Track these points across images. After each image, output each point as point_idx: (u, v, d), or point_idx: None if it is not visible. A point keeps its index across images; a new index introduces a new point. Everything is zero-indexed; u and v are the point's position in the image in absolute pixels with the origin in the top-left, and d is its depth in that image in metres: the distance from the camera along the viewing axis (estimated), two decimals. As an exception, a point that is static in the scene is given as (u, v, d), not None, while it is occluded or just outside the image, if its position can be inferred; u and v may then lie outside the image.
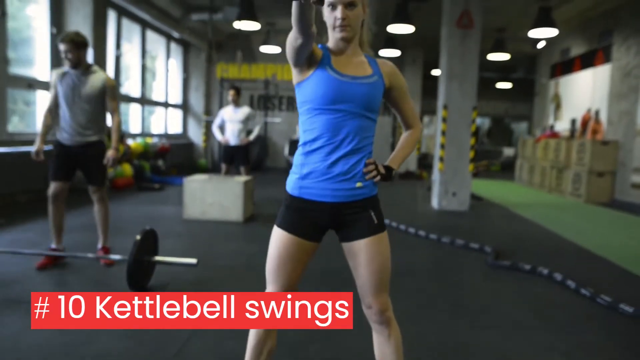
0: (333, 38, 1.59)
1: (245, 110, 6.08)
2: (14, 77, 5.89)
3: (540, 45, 10.31)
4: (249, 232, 4.88)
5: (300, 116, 1.60)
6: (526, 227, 5.68)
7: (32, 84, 6.20)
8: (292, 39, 1.47)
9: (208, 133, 11.59)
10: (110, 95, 3.39)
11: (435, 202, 6.75)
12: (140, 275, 2.94)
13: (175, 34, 9.61)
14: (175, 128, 11.41)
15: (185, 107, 11.69)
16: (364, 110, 1.54)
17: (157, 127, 10.54)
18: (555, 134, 9.85)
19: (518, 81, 15.04)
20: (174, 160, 10.20)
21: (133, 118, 9.40)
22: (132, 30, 9.21)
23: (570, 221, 6.16)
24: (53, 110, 3.39)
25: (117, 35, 8.35)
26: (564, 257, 4.33)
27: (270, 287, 1.58)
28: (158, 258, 3.04)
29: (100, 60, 7.13)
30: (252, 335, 1.60)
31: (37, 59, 6.51)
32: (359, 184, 1.54)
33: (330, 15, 1.54)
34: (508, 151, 16.86)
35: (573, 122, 9.57)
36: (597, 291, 3.16)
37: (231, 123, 6.07)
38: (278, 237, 1.56)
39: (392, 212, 5.80)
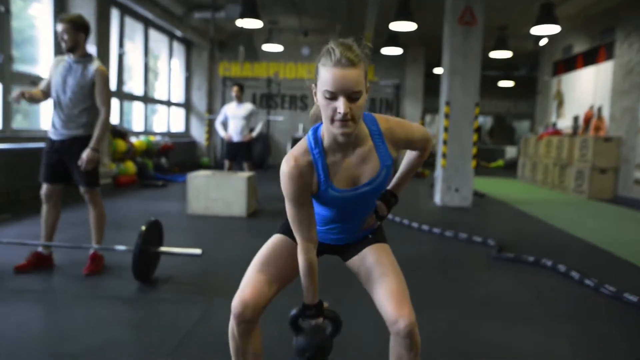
0: (329, 131, 1.35)
1: (247, 107, 6.11)
2: (18, 74, 5.92)
3: (543, 42, 10.30)
4: (252, 227, 4.90)
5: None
6: (529, 222, 5.68)
7: (36, 81, 6.22)
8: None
9: (210, 131, 11.62)
10: (99, 86, 3.07)
11: (437, 199, 6.76)
12: (146, 266, 2.96)
13: (178, 33, 9.64)
14: (178, 126, 11.43)
15: (187, 105, 11.72)
16: (373, 199, 1.55)
17: (159, 126, 10.56)
18: (557, 132, 9.85)
19: (520, 79, 15.03)
20: (176, 159, 10.22)
21: (136, 116, 9.43)
22: (134, 29, 9.24)
23: (574, 217, 6.16)
24: (44, 91, 3.18)
25: (120, 33, 8.38)
26: (569, 250, 4.33)
27: (241, 289, 1.48)
28: (163, 249, 3.05)
29: (104, 58, 7.16)
30: (230, 339, 1.52)
31: (40, 56, 6.54)
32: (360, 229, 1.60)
33: (328, 106, 1.29)
34: (511, 150, 16.85)
35: (575, 119, 9.56)
36: (601, 282, 3.17)
37: (234, 119, 6.10)
38: (272, 239, 1.59)
39: (395, 208, 5.81)
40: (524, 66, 14.04)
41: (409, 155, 1.65)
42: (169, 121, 10.84)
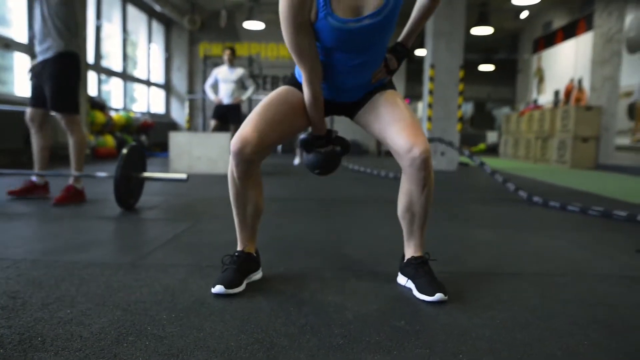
0: None
1: (239, 71, 6.00)
2: (-11, 35, 5.70)
3: (523, 15, 10.35)
4: (237, 181, 4.77)
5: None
6: (518, 179, 5.67)
7: (9, 44, 5.99)
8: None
9: (192, 113, 11.41)
10: None
11: (424, 163, 6.72)
12: (128, 192, 2.82)
13: (157, 7, 9.42)
14: (158, 108, 11.20)
15: (167, 87, 11.50)
16: (379, 41, 1.41)
17: (139, 107, 10.32)
18: (538, 107, 9.93)
19: (500, 62, 15.12)
20: (157, 139, 10.00)
21: (115, 95, 9.19)
22: (112, 5, 9.01)
23: (559, 178, 6.18)
24: None
25: (97, 5, 8.16)
26: (562, 195, 4.32)
27: (244, 128, 1.40)
28: (146, 174, 2.92)
29: (81, 29, 6.94)
30: (230, 184, 1.48)
31: (13, 19, 6.30)
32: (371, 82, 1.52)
33: None
34: (491, 135, 17.01)
35: (556, 93, 9.65)
36: (586, 207, 3.15)
37: (225, 83, 5.99)
38: (278, 89, 1.52)
39: (384, 165, 5.74)
40: (503, 49, 14.14)
41: (419, 2, 1.52)
42: (149, 101, 10.61)
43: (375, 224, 2.58)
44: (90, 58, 7.80)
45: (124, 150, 2.79)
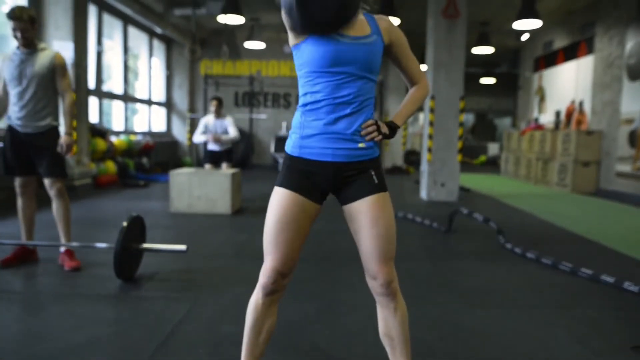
0: None
1: (225, 123, 5.99)
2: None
3: (524, 37, 10.37)
4: (238, 223, 4.79)
5: (300, 79, 1.54)
6: (516, 215, 5.69)
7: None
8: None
9: (192, 131, 11.43)
10: (60, 74, 3.05)
11: (424, 194, 6.73)
12: (128, 264, 2.84)
13: (158, 30, 9.45)
14: (159, 126, 11.23)
15: (168, 105, 11.52)
16: (364, 72, 1.48)
17: (140, 126, 10.36)
18: (539, 127, 9.92)
19: (501, 76, 15.14)
20: (158, 159, 10.04)
21: (116, 116, 9.23)
22: (113, 26, 9.04)
23: (559, 209, 6.19)
24: (3, 98, 3.08)
25: (98, 30, 8.18)
26: (557, 242, 4.33)
27: (269, 258, 1.47)
28: (146, 245, 2.94)
29: (81, 56, 6.96)
30: (250, 313, 1.52)
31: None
32: (361, 145, 1.49)
33: None
34: (493, 147, 16.98)
35: (557, 114, 9.65)
36: (577, 267, 3.16)
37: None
38: (279, 197, 1.49)
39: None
40: (505, 63, 14.15)
41: (410, 90, 1.67)
42: (150, 120, 10.64)
43: (357, 298, 2.59)
44: (92, 83, 7.82)
45: (125, 223, 2.81)
